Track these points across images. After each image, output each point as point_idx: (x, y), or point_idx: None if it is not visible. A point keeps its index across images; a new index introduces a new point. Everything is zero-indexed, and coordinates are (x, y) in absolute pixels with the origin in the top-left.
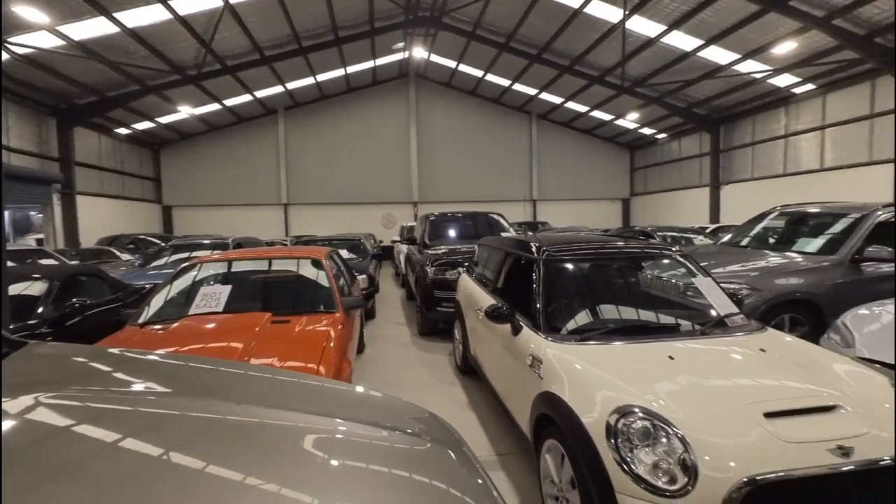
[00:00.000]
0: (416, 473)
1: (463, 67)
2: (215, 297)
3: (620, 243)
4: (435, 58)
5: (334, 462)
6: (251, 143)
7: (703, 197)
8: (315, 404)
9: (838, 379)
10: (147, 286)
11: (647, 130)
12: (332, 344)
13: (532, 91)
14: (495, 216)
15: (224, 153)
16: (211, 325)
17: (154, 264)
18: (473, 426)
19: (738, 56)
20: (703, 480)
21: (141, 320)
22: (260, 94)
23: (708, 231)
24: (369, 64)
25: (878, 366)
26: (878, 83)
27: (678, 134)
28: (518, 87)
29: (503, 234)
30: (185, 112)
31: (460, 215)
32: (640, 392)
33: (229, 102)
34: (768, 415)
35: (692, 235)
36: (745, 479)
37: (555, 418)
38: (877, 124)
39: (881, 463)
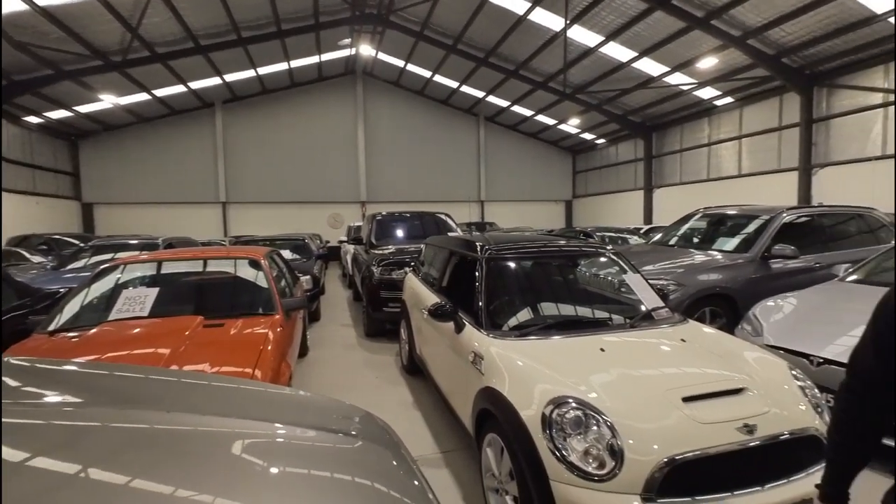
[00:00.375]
0: (349, 474)
1: (411, 67)
2: (140, 300)
3: (559, 243)
4: (383, 56)
5: (266, 467)
6: (186, 138)
7: (638, 199)
8: (249, 409)
9: (746, 365)
10: (61, 290)
11: (587, 136)
12: (269, 347)
13: (479, 94)
14: (443, 216)
15: (155, 147)
16: (134, 331)
17: (71, 267)
18: (418, 425)
19: (667, 69)
20: (629, 463)
21: (52, 327)
22: (195, 85)
23: (642, 231)
24: (314, 59)
25: (781, 352)
26: (785, 99)
27: (615, 140)
28: (466, 89)
29: (450, 234)
30: (108, 101)
31: (408, 215)
32: (575, 384)
33: (160, 93)
34: (686, 399)
35: (627, 235)
36: (665, 460)
37: (495, 412)
38: (784, 136)
39: (781, 437)
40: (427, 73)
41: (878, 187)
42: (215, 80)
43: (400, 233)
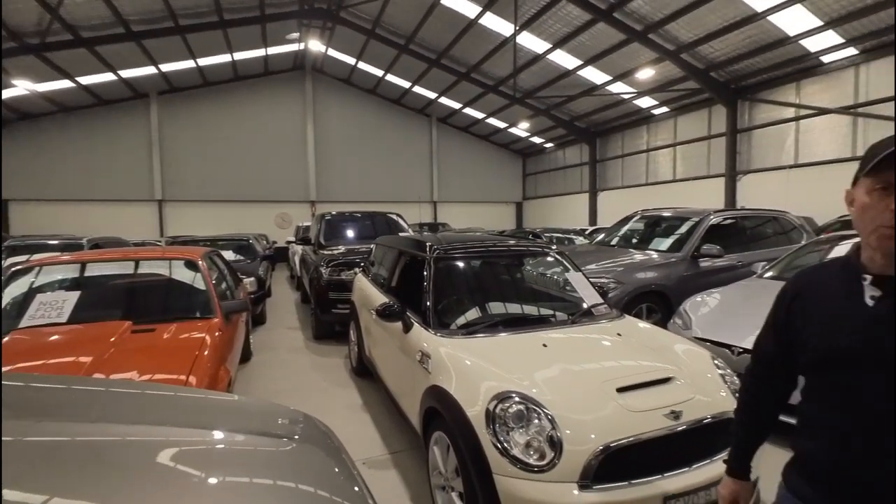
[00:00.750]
0: (286, 478)
1: (363, 65)
2: (57, 305)
3: (506, 242)
4: (333, 53)
5: (197, 475)
6: (117, 130)
7: (584, 202)
8: (180, 417)
9: (675, 356)
10: None
11: (537, 139)
12: (206, 352)
13: (432, 95)
14: (394, 216)
15: (81, 139)
16: (51, 339)
17: None
18: (367, 427)
19: (610, 77)
20: (567, 453)
21: None
22: (127, 74)
23: (587, 232)
24: (260, 52)
25: (708, 343)
26: (713, 110)
27: (563, 144)
28: (418, 89)
29: (401, 235)
30: (22, 87)
31: (359, 215)
32: (518, 379)
33: (86, 80)
34: (620, 390)
35: (573, 236)
36: (600, 448)
37: (441, 410)
38: (712, 144)
39: (704, 421)
40: (379, 73)
41: (792, 193)
42: (149, 70)
43: (350, 233)
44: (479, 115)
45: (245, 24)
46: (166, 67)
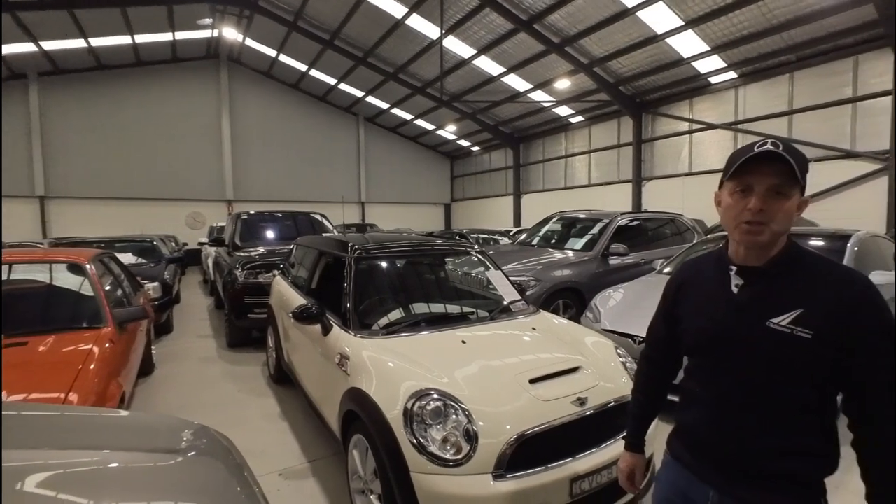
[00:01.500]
0: (163, 495)
1: (285, 59)
2: None
3: (428, 242)
4: (252, 43)
5: (65, 498)
6: None
7: (509, 204)
8: (55, 437)
9: (584, 347)
10: None
11: (464, 142)
12: (92, 366)
13: (359, 93)
14: (318, 216)
15: None
16: None
17: None
18: (286, 436)
19: (531, 86)
20: (483, 445)
21: None
22: None
23: (511, 233)
24: (166, 36)
25: (615, 335)
26: (622, 121)
27: (489, 148)
28: (344, 87)
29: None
30: None
31: (280, 215)
32: (437, 377)
33: None
34: (532, 381)
35: (499, 237)
36: (514, 437)
37: (360, 413)
38: (621, 152)
39: (608, 406)
40: (302, 67)
41: (688, 198)
42: (27, 47)
43: (270, 234)
44: (408, 115)
45: (147, 3)
46: (49, 45)
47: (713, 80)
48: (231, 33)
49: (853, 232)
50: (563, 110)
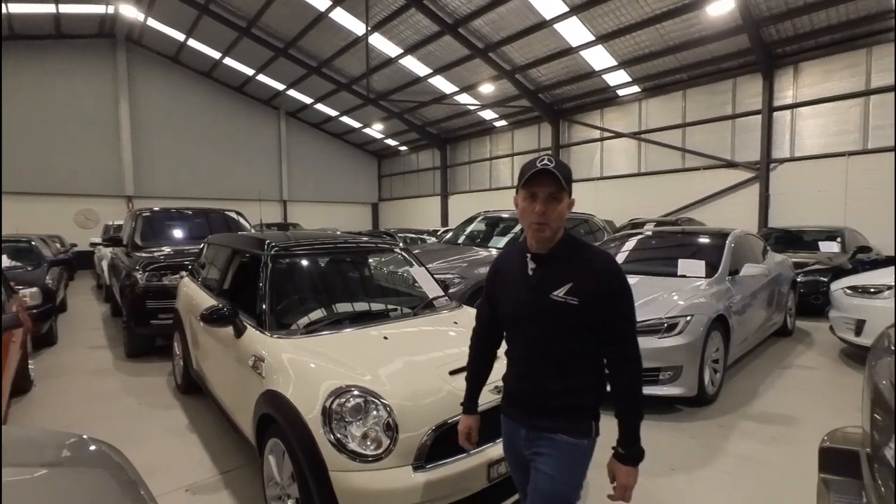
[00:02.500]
0: None
1: (195, 44)
2: None
3: (349, 239)
4: (155, 24)
5: None
6: None
7: (437, 204)
8: None
9: None
10: None
11: (391, 142)
12: None
13: (280, 86)
14: (233, 215)
15: None
16: None
17: None
18: (194, 449)
19: (457, 88)
20: (403, 438)
21: None
22: None
23: (439, 233)
24: (48, 8)
25: None
26: (542, 127)
27: (417, 148)
28: (264, 78)
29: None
30: None
31: (190, 212)
32: (359, 374)
33: None
34: (452, 372)
35: (427, 236)
36: (432, 428)
37: (275, 415)
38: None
39: None
40: (216, 55)
41: (600, 200)
42: None
43: (178, 233)
44: (333, 112)
45: None
46: None
47: (621, 92)
48: (129, 10)
49: (731, 231)
50: (487, 114)
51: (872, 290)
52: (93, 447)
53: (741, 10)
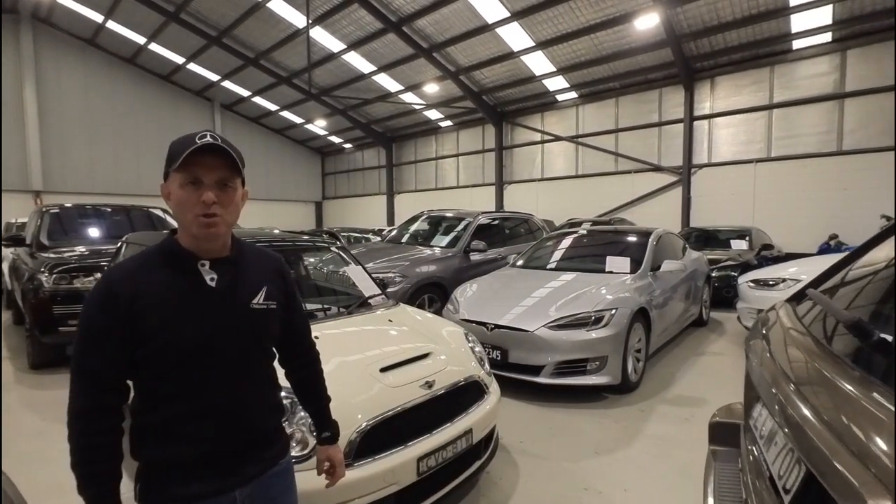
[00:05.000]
0: None
1: (115, 26)
2: None
3: (284, 238)
4: (67, 2)
5: None
6: None
7: (383, 203)
8: None
9: (438, 336)
10: None
11: (335, 139)
12: None
13: (214, 77)
14: (159, 212)
15: None
16: None
17: None
18: None
19: (402, 87)
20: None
21: None
22: None
23: (384, 232)
24: None
25: (473, 324)
26: (486, 128)
27: (362, 146)
28: (195, 67)
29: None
30: None
31: (108, 209)
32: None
33: None
34: (383, 370)
35: (371, 236)
36: (363, 425)
37: None
38: (486, 157)
39: (458, 385)
40: (140, 39)
41: (540, 200)
42: None
43: (95, 231)
44: (272, 106)
45: None
46: None
47: (559, 97)
48: None
49: (654, 229)
50: (433, 114)
51: (771, 282)
52: None
53: (665, 26)
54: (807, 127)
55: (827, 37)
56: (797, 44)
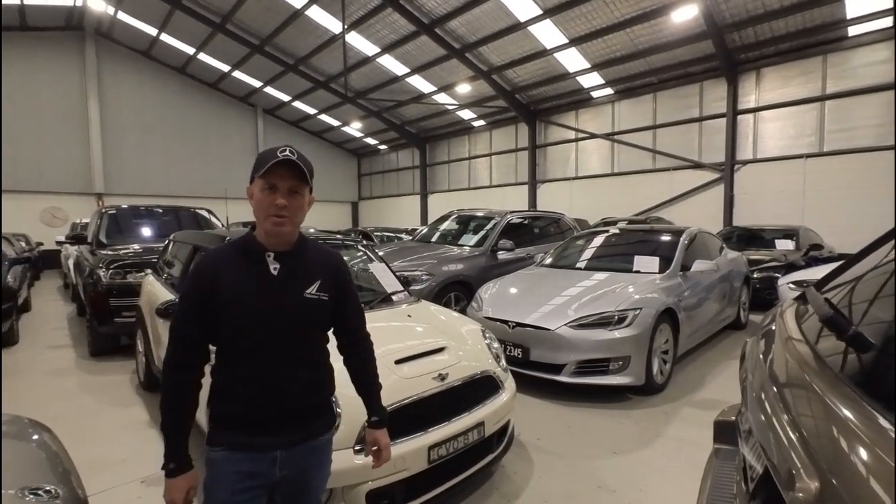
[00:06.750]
0: None
1: (168, 39)
2: None
3: (314, 236)
4: (126, 17)
5: None
6: None
7: (416, 203)
8: None
9: (455, 332)
10: None
11: (370, 140)
12: None
13: (256, 83)
14: (204, 213)
15: None
16: None
17: None
18: (152, 444)
19: (435, 88)
20: (344, 424)
21: None
22: None
23: (416, 232)
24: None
25: (497, 322)
26: (519, 127)
27: (396, 147)
28: (240, 75)
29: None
30: None
31: (160, 210)
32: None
33: None
34: (397, 361)
35: (403, 235)
36: None
37: None
38: (518, 156)
39: (473, 379)
40: (190, 50)
41: (574, 199)
42: None
43: (147, 230)
44: (311, 110)
45: None
46: None
47: (594, 94)
48: (97, 3)
49: (686, 228)
50: (465, 114)
51: None
52: (23, 424)
53: (705, 17)
54: (863, 119)
55: (886, 21)
56: (853, 30)
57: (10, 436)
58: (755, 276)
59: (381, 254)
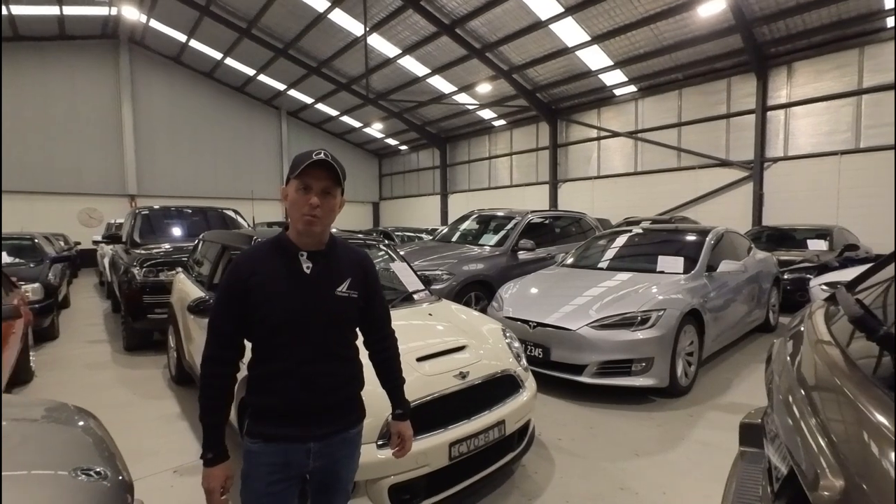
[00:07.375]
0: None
1: (197, 45)
2: None
3: (343, 236)
4: (157, 25)
5: None
6: None
7: (436, 203)
8: None
9: (476, 331)
10: None
11: (391, 141)
12: None
13: (281, 86)
14: (231, 213)
15: None
16: None
17: None
18: (182, 436)
19: (455, 88)
20: (369, 419)
21: None
22: None
23: (437, 231)
24: (51, 10)
25: (518, 322)
26: (539, 126)
27: (416, 147)
28: (264, 78)
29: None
30: None
31: (189, 211)
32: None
33: None
34: (419, 359)
35: (424, 235)
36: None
37: None
38: (539, 156)
39: (493, 378)
40: (217, 55)
41: (596, 198)
42: None
43: (177, 230)
44: (333, 112)
45: None
46: None
47: (617, 92)
48: (131, 12)
49: (713, 228)
50: (486, 114)
51: None
52: (70, 410)
53: (733, 11)
54: None
55: None
56: (891, 21)
57: (59, 421)
58: (786, 277)
59: (402, 253)
